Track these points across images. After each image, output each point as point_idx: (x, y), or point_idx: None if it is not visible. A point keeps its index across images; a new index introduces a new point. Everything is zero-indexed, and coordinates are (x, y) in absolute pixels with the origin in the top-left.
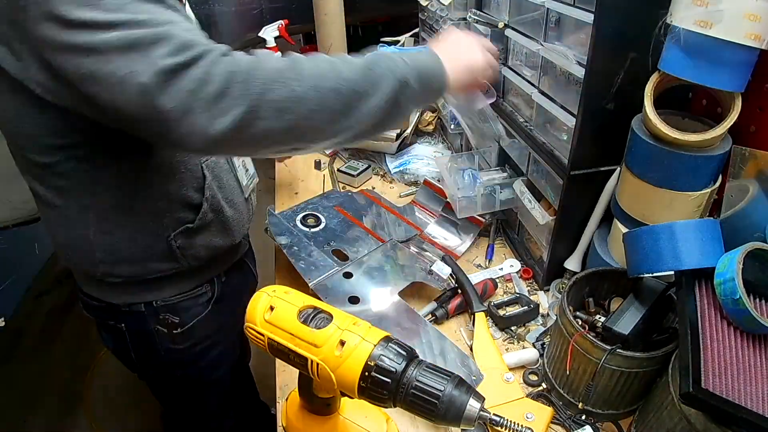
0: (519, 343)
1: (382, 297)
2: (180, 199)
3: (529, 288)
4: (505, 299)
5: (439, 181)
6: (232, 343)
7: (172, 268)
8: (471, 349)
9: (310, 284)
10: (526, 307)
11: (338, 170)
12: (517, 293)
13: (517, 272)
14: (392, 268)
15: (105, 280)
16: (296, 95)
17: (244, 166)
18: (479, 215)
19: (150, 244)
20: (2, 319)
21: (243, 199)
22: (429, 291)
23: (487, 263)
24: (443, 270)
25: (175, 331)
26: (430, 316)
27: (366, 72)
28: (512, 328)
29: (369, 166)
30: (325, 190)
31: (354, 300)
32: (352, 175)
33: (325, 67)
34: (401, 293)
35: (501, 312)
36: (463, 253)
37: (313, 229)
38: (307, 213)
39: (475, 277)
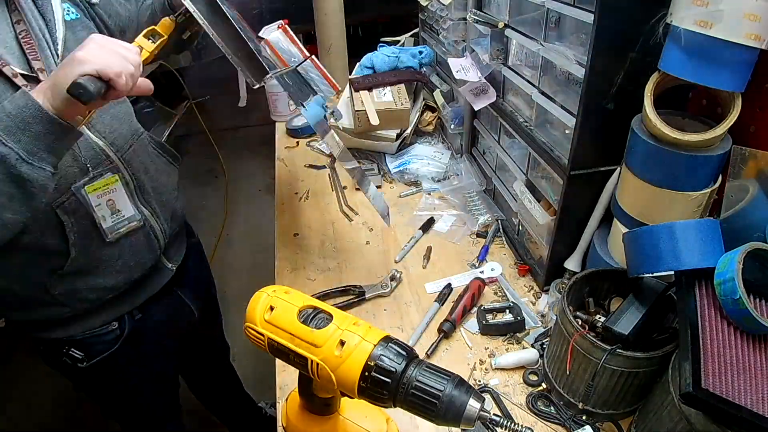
0: (519, 343)
1: None
2: (39, 247)
3: (530, 290)
4: (496, 305)
5: None
6: (158, 373)
7: (64, 313)
8: None
9: None
10: (511, 318)
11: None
12: (512, 302)
13: (502, 275)
14: None
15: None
16: None
17: (111, 208)
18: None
19: (31, 294)
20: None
21: (112, 241)
22: (429, 299)
23: (477, 263)
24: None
25: (80, 365)
26: (438, 333)
27: None
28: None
29: (372, 168)
30: (324, 190)
31: None
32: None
33: None
34: None
35: (489, 317)
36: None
37: None
38: None
39: (465, 277)
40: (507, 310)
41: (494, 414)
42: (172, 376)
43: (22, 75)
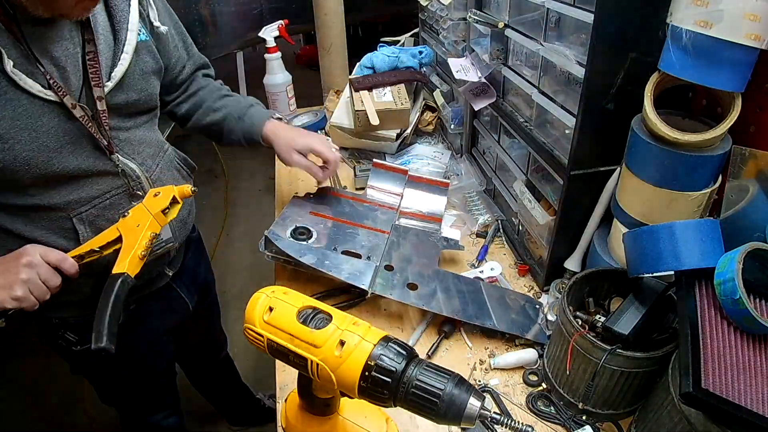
0: (519, 345)
1: (429, 274)
2: (48, 244)
3: (530, 290)
4: None
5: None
6: (151, 362)
7: (62, 298)
8: None
9: (376, 292)
10: None
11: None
12: None
13: (501, 274)
14: (415, 249)
15: None
16: None
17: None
18: (444, 178)
19: None
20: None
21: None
22: None
23: (476, 263)
24: (453, 233)
25: (74, 348)
26: (438, 334)
27: None
28: None
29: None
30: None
31: (413, 286)
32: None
33: None
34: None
35: None
36: (443, 214)
37: (310, 241)
38: (292, 228)
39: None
40: None
41: (494, 412)
42: (166, 366)
43: (80, 106)
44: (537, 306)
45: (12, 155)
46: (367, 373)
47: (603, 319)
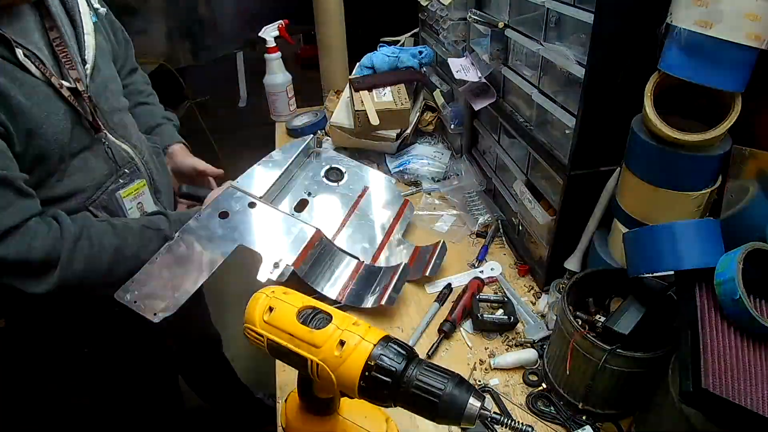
0: (519, 345)
1: None
2: None
3: (530, 290)
4: (491, 296)
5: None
6: (156, 360)
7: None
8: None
9: None
10: (505, 318)
11: None
12: (506, 297)
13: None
14: None
15: None
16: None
17: (140, 209)
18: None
19: None
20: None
21: None
22: (429, 299)
23: (476, 263)
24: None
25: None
26: (438, 334)
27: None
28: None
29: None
30: None
31: None
32: None
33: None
34: None
35: (483, 308)
36: None
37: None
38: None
39: (465, 276)
40: (501, 309)
41: (494, 412)
42: (170, 365)
43: (67, 88)
44: None
45: (46, 139)
46: (367, 373)
47: (603, 319)
